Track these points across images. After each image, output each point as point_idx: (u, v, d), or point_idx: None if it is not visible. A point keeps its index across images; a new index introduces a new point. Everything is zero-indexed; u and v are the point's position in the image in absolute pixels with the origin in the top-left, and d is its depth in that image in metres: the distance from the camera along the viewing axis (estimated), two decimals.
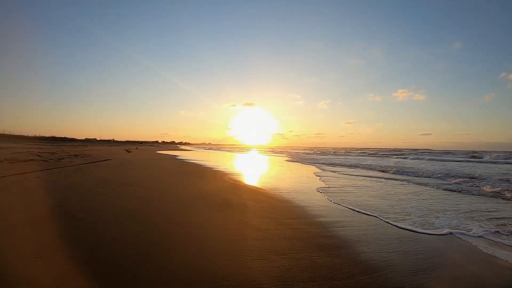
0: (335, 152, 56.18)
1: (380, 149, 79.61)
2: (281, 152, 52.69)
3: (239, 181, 10.32)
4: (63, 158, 19.52)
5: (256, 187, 8.96)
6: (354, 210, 6.16)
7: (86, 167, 13.44)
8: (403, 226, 5.03)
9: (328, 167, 18.79)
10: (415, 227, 5.05)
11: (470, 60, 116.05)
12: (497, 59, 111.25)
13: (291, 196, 7.52)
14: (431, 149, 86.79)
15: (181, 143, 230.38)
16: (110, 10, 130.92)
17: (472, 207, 6.77)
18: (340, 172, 14.94)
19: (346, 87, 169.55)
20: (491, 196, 8.23)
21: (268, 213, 5.59)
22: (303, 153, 50.59)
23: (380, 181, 11.20)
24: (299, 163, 22.64)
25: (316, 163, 22.70)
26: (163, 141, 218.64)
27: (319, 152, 54.21)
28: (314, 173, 14.48)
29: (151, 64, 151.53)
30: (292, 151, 64.05)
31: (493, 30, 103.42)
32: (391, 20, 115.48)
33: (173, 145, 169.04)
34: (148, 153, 35.71)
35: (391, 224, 5.17)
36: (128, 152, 34.77)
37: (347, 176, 12.98)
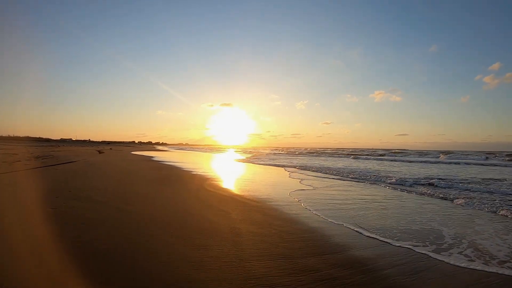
0: (301, 152, 55.27)
1: (355, 150, 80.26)
2: (251, 152, 50.85)
3: (222, 190, 8.24)
4: (19, 161, 16.23)
5: (246, 198, 6.94)
6: (383, 240, 4.39)
7: (39, 172, 10.66)
8: (486, 269, 3.30)
9: (292, 169, 17.20)
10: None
11: (446, 62, 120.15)
12: (472, 62, 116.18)
13: (294, 212, 5.63)
14: (407, 149, 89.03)
15: (158, 143, 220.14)
16: (88, 9, 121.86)
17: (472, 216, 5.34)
18: (308, 174, 13.36)
19: (324, 88, 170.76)
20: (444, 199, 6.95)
21: (276, 247, 3.61)
22: (273, 153, 49.23)
23: (356, 185, 9.66)
24: (270, 165, 20.90)
25: (280, 163, 21.10)
26: (140, 142, 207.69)
27: (284, 153, 52.65)
28: (290, 175, 12.73)
29: (129, 63, 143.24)
30: (263, 151, 62.49)
31: (469, 34, 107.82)
32: (369, 23, 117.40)
33: (149, 145, 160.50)
34: (122, 154, 32.20)
35: (458, 266, 3.42)
36: (100, 153, 31.09)
37: (319, 179, 11.36)
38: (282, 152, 53.30)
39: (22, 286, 2.38)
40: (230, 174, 13.22)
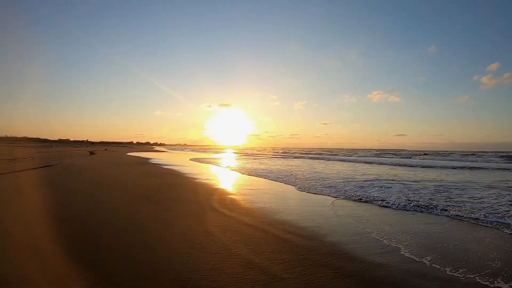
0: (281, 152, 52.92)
1: (354, 150, 78.56)
2: (248, 154, 48.31)
3: (241, 211, 5.63)
4: None
5: (286, 231, 4.31)
6: None
7: None
8: None
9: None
10: None
11: (445, 63, 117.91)
12: (471, 62, 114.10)
13: (395, 265, 3.01)
14: (406, 150, 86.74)
15: (156, 144, 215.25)
16: (81, 6, 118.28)
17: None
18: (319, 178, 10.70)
19: (322, 88, 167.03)
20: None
21: None
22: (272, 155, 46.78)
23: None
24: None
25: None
26: (138, 142, 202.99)
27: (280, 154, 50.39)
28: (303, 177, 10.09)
29: (127, 63, 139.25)
30: (260, 152, 59.96)
31: (467, 34, 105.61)
32: (367, 23, 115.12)
33: (147, 146, 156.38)
34: (115, 155, 29.32)
35: None
36: (91, 154, 28.26)
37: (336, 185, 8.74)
38: (280, 154, 50.83)
39: None
40: (240, 181, 10.52)
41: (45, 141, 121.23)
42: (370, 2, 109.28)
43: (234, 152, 53.59)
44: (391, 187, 8.78)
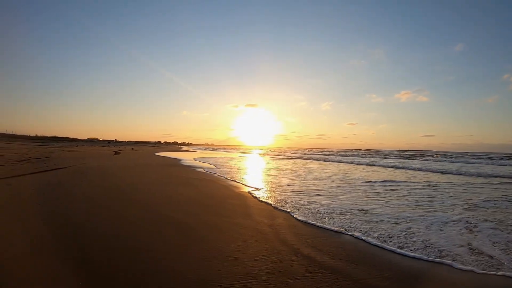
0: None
1: (382, 150, 74.59)
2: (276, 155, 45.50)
3: (344, 250, 3.28)
4: None
5: None
6: None
7: None
8: None
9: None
10: None
11: (473, 61, 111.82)
12: (499, 61, 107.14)
13: None
14: (434, 150, 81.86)
15: (183, 144, 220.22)
16: (114, 10, 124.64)
17: None
18: None
19: (349, 88, 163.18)
20: None
21: None
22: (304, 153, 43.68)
23: None
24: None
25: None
26: (166, 142, 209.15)
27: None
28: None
29: (155, 64, 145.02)
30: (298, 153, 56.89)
31: (496, 32, 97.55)
32: (393, 22, 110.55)
33: (175, 145, 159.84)
34: (142, 155, 28.23)
35: None
36: (116, 154, 27.59)
37: None
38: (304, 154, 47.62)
39: None
40: (296, 191, 8.10)
41: (74, 140, 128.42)
42: (395, 0, 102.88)
43: (265, 153, 51.18)
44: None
